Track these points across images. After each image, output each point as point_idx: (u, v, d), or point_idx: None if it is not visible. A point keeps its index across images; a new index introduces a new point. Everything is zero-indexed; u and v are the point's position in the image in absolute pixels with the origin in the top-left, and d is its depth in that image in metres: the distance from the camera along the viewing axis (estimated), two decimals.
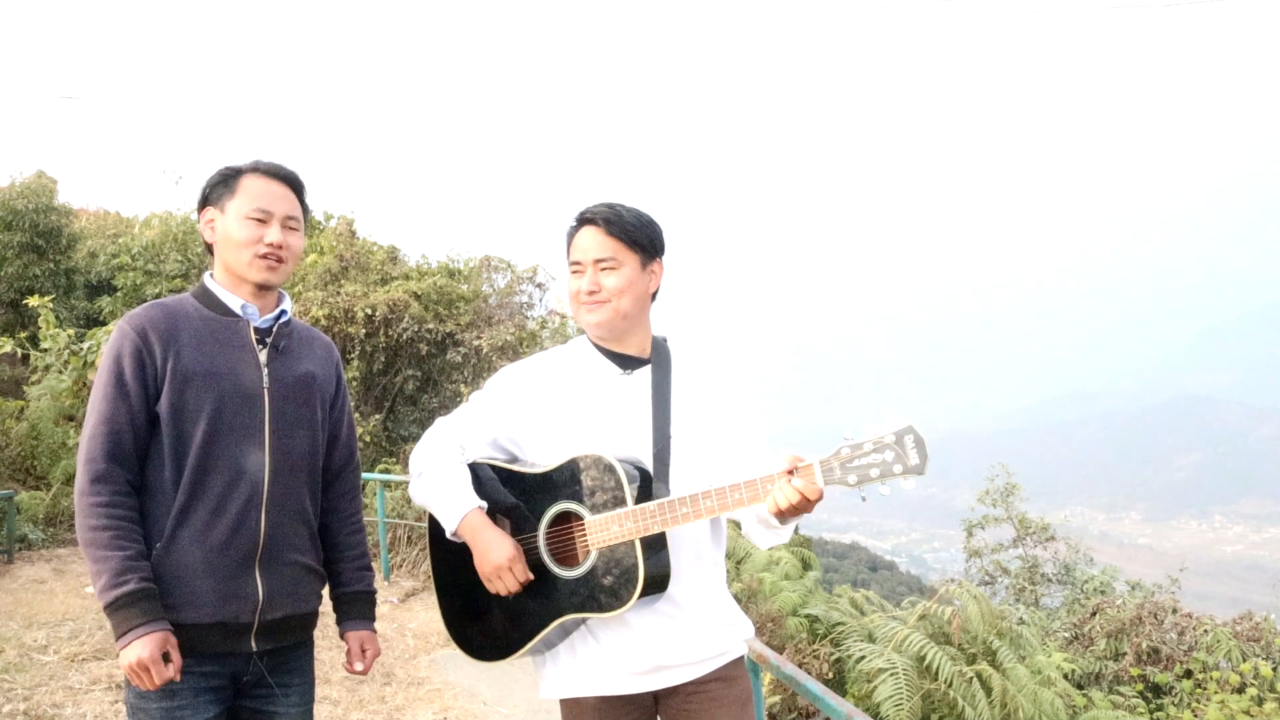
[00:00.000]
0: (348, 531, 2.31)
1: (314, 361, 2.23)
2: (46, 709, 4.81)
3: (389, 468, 10.63)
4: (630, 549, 1.99)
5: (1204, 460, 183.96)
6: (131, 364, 2.00)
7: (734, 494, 1.91)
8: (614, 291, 2.11)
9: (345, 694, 5.23)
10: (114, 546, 1.90)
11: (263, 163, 2.17)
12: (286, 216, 2.14)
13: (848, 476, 1.80)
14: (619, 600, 1.99)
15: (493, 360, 11.40)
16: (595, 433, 2.10)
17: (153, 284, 14.43)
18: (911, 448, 1.77)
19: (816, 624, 6.54)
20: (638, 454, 2.08)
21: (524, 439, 2.20)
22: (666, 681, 2.12)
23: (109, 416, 1.98)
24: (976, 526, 13.40)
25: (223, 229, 2.12)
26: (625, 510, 1.98)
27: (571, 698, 2.15)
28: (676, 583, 2.08)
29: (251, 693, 2.11)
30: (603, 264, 2.11)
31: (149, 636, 1.88)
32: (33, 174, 15.38)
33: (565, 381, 2.19)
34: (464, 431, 2.22)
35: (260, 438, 2.07)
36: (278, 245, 2.11)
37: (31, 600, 7.23)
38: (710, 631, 2.13)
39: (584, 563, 2.04)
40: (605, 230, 2.12)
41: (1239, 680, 7.24)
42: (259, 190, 2.12)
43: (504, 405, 2.22)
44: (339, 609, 2.31)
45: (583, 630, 2.12)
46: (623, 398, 2.15)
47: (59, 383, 10.74)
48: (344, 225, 13.74)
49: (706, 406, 2.18)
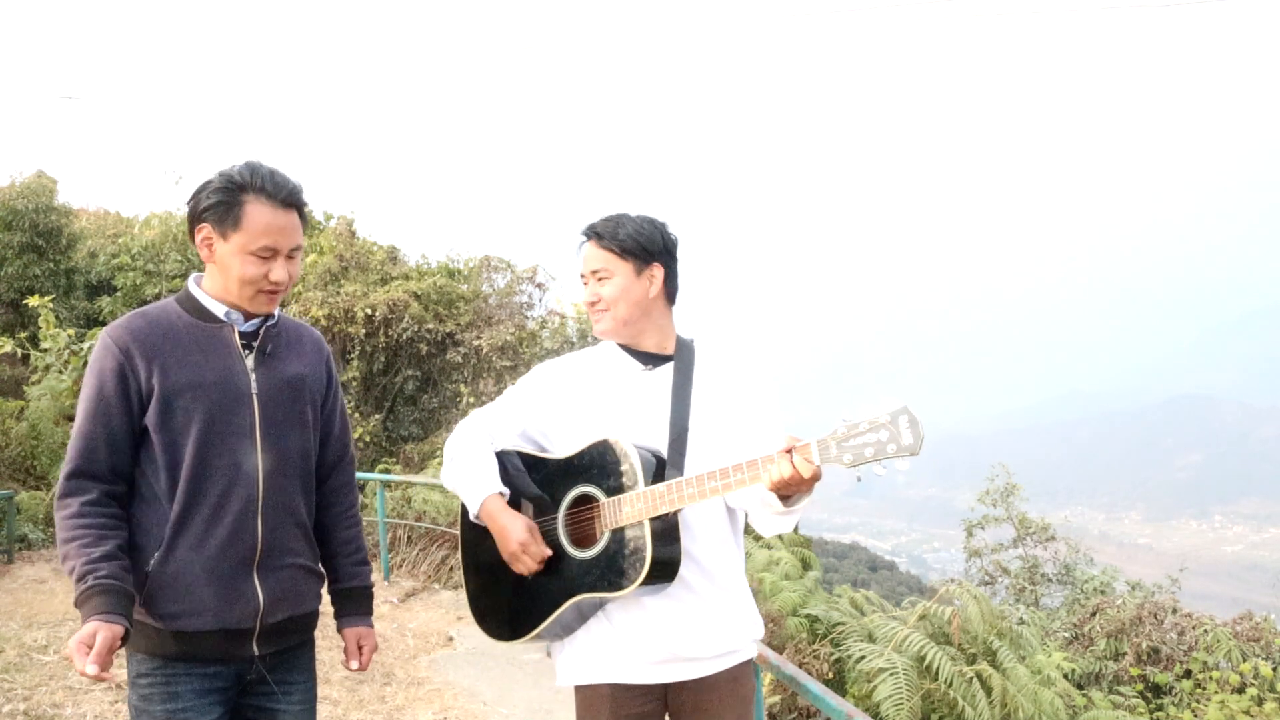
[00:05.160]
0: (344, 527, 2.31)
1: (303, 362, 2.20)
2: (46, 709, 4.81)
3: (389, 468, 10.62)
4: (640, 530, 2.06)
5: (1204, 460, 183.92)
6: (114, 380, 1.98)
7: (736, 474, 1.98)
8: (610, 300, 2.25)
9: (345, 694, 5.23)
10: (89, 545, 1.90)
11: (265, 181, 2.00)
12: (292, 249, 2.06)
13: (844, 455, 1.84)
14: (627, 580, 2.06)
15: (492, 360, 11.41)
16: (615, 422, 2.21)
17: (153, 284, 14.44)
18: (906, 428, 1.80)
19: (816, 624, 6.54)
20: (654, 443, 2.18)
21: (551, 430, 2.32)
22: (680, 675, 2.18)
23: (86, 432, 1.98)
24: (976, 526, 13.40)
25: (222, 257, 2.02)
26: (637, 492, 2.07)
27: (587, 684, 2.20)
28: (694, 569, 2.16)
29: (255, 691, 2.11)
30: (598, 275, 2.26)
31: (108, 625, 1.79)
32: (33, 174, 15.39)
33: (592, 377, 2.31)
34: (494, 422, 2.34)
35: (252, 443, 2.06)
36: (282, 282, 2.05)
37: (31, 600, 7.23)
38: (725, 623, 2.21)
39: (599, 543, 2.13)
40: (597, 243, 2.27)
41: (1239, 680, 7.24)
42: (265, 225, 1.99)
43: (534, 398, 2.34)
44: (336, 605, 2.31)
45: (600, 616, 2.19)
46: (643, 391, 2.26)
47: (59, 383, 10.75)
48: (344, 225, 13.75)
49: (726, 402, 2.27)
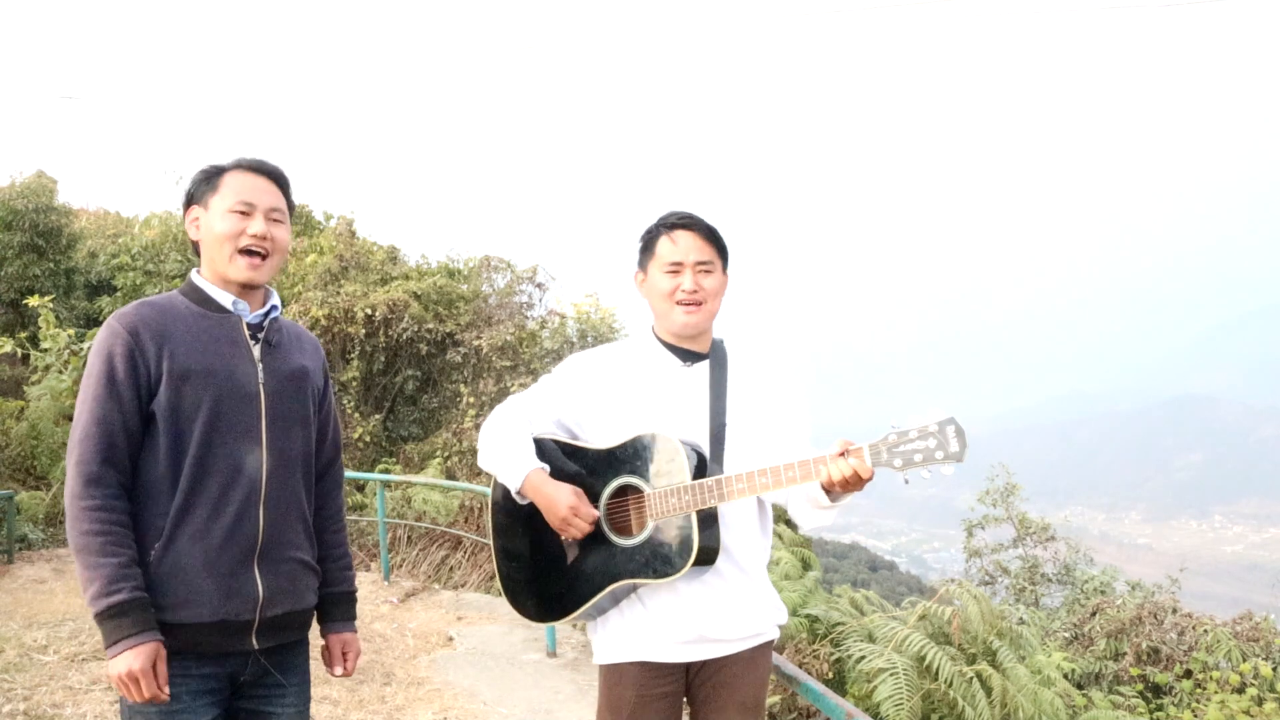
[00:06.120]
0: (332, 530, 2.31)
1: (305, 356, 2.23)
2: (46, 709, 4.81)
3: (389, 468, 10.63)
4: (686, 521, 2.15)
5: (1204, 460, 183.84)
6: (124, 364, 1.97)
7: (788, 472, 2.08)
8: (710, 293, 2.31)
9: (345, 694, 5.23)
10: (106, 553, 1.88)
11: (245, 159, 2.16)
12: (270, 209, 2.12)
13: (894, 460, 2.01)
14: (673, 567, 2.15)
15: (492, 360, 11.40)
16: (656, 416, 2.27)
17: (152, 284, 14.43)
18: (953, 436, 1.97)
19: (816, 624, 6.53)
20: (694, 437, 2.24)
21: (586, 420, 2.37)
22: (705, 654, 2.26)
23: (101, 417, 1.94)
24: (976, 526, 13.38)
25: (206, 225, 2.10)
26: (684, 485, 2.14)
27: (613, 663, 2.28)
28: (726, 558, 2.24)
29: (248, 693, 2.11)
30: (702, 266, 2.30)
31: (141, 648, 1.86)
32: (33, 174, 15.37)
33: (630, 370, 2.37)
34: (532, 408, 2.40)
35: (257, 434, 2.06)
36: (261, 236, 2.09)
37: (31, 600, 7.23)
38: (752, 608, 2.30)
39: (642, 532, 2.21)
40: (704, 235, 2.31)
41: (1239, 680, 7.23)
42: (241, 184, 2.11)
43: (571, 388, 2.39)
44: (323, 610, 2.29)
45: (632, 598, 2.27)
46: (682, 387, 2.33)
47: (59, 383, 10.74)
48: (344, 225, 13.74)
49: (759, 400, 2.36)
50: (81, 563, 1.90)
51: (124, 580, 1.87)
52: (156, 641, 1.89)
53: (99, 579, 1.86)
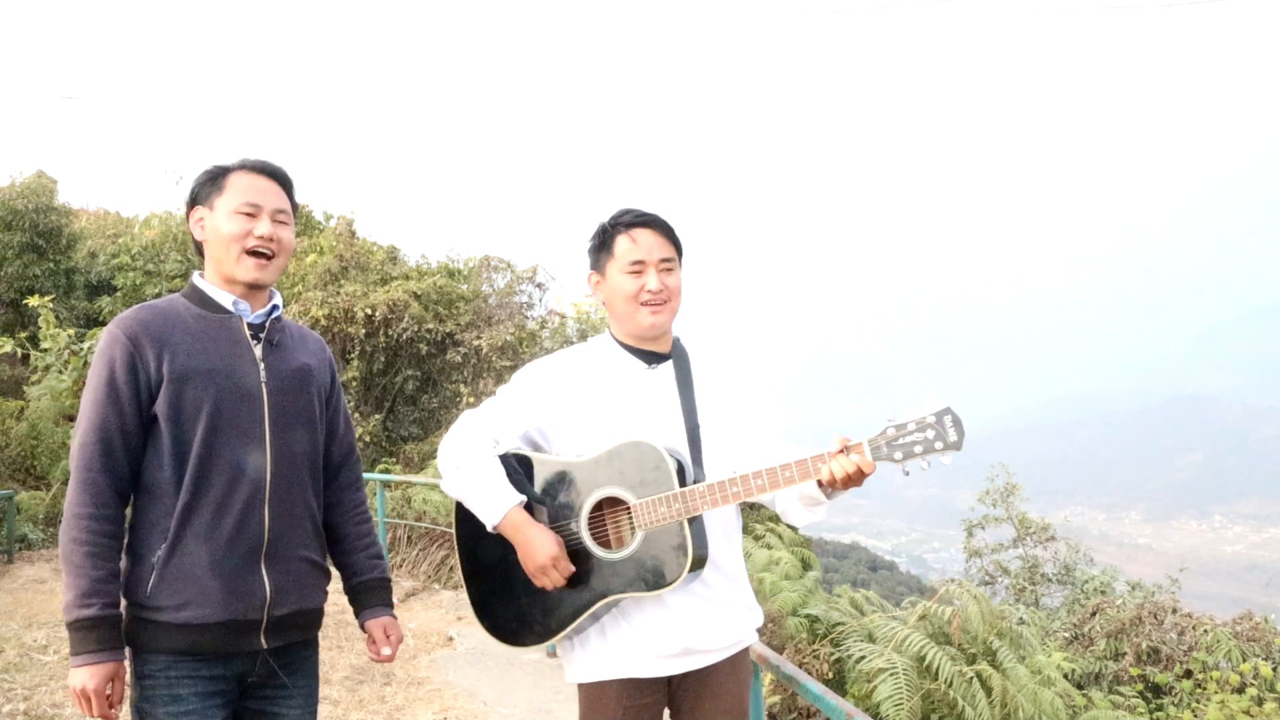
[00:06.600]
0: (355, 523, 2.32)
1: (308, 355, 2.23)
2: (46, 709, 4.81)
3: (389, 467, 10.63)
4: (678, 529, 2.09)
5: (1204, 460, 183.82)
6: (124, 369, 1.98)
7: (785, 472, 2.05)
8: (674, 291, 2.25)
9: (345, 694, 5.23)
10: (87, 565, 1.91)
11: (250, 159, 2.17)
12: (276, 210, 2.14)
13: (894, 453, 2.00)
14: (666, 578, 2.08)
15: (492, 360, 11.41)
16: (629, 423, 2.19)
17: (153, 284, 14.44)
18: (950, 426, 1.98)
19: (816, 624, 6.53)
20: (670, 441, 2.18)
21: (553, 431, 2.27)
22: (690, 665, 2.20)
23: (100, 424, 1.97)
24: (976, 526, 13.39)
25: (212, 226, 2.11)
26: (673, 492, 2.08)
27: (595, 681, 2.20)
28: (710, 566, 2.19)
29: (256, 694, 2.11)
30: (665, 264, 2.23)
31: (99, 666, 1.89)
32: (33, 174, 15.39)
33: (593, 376, 2.27)
34: (496, 425, 2.26)
35: (260, 433, 2.07)
36: (268, 238, 2.10)
37: (31, 600, 7.23)
38: (735, 614, 2.25)
39: (629, 544, 2.12)
40: (663, 233, 2.25)
41: (1239, 680, 7.24)
42: (247, 185, 2.12)
43: (535, 399, 2.28)
44: (356, 599, 2.31)
45: (614, 613, 2.19)
46: (650, 391, 2.25)
47: (59, 383, 10.75)
48: (344, 225, 13.75)
49: (726, 397, 2.31)
50: (64, 568, 1.94)
51: (98, 596, 1.90)
52: (116, 662, 1.92)
53: (75, 589, 1.90)
